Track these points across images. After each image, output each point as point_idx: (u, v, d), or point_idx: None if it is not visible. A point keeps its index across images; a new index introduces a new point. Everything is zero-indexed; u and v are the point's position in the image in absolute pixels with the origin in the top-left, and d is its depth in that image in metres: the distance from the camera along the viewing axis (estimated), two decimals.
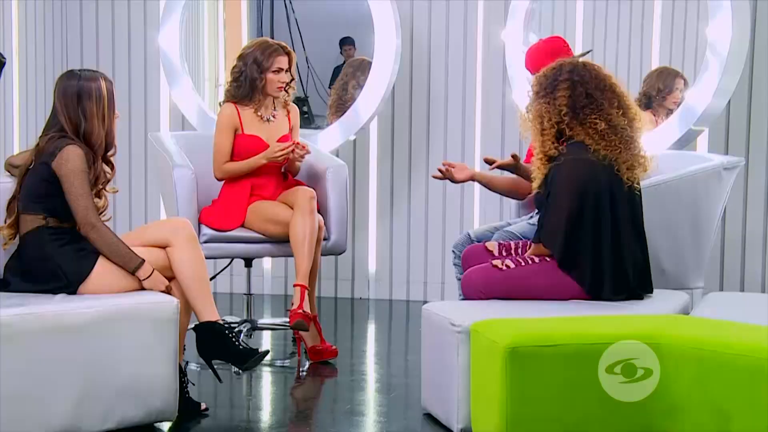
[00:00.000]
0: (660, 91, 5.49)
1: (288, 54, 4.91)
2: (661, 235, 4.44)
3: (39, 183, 3.87)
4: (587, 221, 3.88)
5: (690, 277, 4.59)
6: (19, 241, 3.91)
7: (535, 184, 4.03)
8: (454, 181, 4.60)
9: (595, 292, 3.91)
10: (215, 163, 4.90)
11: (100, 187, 3.95)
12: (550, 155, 3.96)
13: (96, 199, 3.92)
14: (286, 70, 4.90)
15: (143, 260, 3.86)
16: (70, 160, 3.82)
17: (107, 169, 4.00)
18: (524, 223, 4.56)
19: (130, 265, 3.85)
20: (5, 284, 3.89)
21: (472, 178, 4.64)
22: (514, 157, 4.55)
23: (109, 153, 4.00)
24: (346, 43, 6.35)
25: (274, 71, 4.87)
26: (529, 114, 4.06)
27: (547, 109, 3.98)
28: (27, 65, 6.13)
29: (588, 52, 5.03)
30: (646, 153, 4.00)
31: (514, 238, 4.39)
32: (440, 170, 4.60)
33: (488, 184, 4.69)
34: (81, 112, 3.89)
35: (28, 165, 3.93)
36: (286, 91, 4.96)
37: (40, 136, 3.96)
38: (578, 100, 3.96)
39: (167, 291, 3.90)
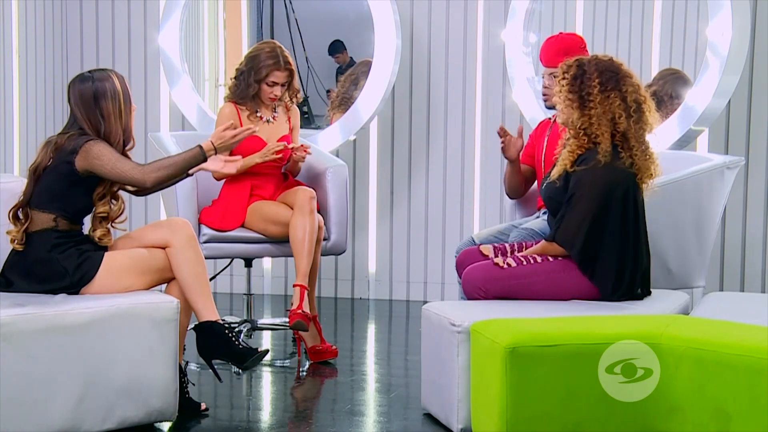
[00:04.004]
0: (671, 98, 5.48)
1: (289, 71, 4.88)
2: (670, 236, 4.46)
3: (58, 180, 3.85)
4: (614, 227, 3.86)
5: (694, 276, 4.60)
6: (25, 238, 3.89)
7: (555, 170, 3.99)
8: (505, 153, 4.58)
9: (611, 295, 3.91)
10: None
11: (117, 187, 3.95)
12: (578, 154, 3.91)
13: (112, 201, 3.94)
14: (283, 84, 4.88)
15: (199, 147, 3.91)
16: (94, 148, 3.82)
17: None
18: (540, 219, 4.50)
19: (192, 159, 3.90)
20: (8, 283, 3.88)
21: (514, 161, 4.62)
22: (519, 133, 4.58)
23: (127, 147, 3.99)
24: (336, 51, 6.34)
25: (268, 83, 4.86)
26: (597, 107, 3.89)
27: (619, 104, 3.88)
28: (27, 65, 6.13)
29: None
30: (657, 159, 3.98)
31: (535, 236, 4.35)
32: (500, 133, 4.59)
33: (515, 171, 4.64)
34: (99, 113, 3.89)
35: (45, 164, 3.89)
36: (291, 101, 4.96)
37: (58, 134, 3.93)
38: (639, 98, 3.91)
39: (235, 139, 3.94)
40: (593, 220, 3.86)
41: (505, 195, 4.83)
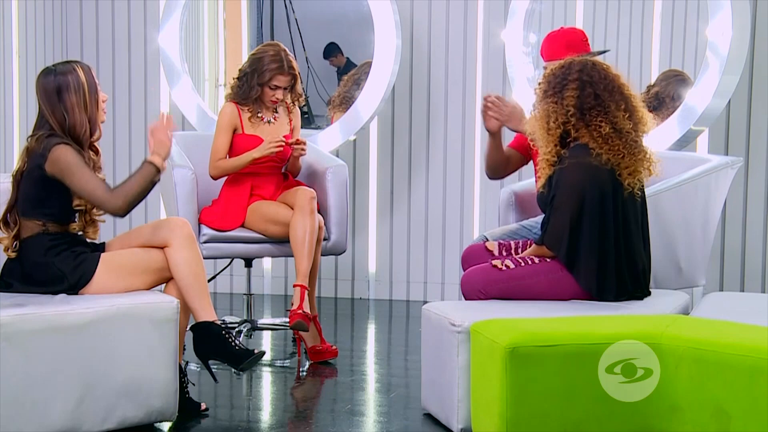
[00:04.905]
0: (673, 99, 5.48)
1: (292, 75, 4.87)
2: (682, 235, 4.50)
3: (34, 187, 3.84)
4: (592, 225, 3.86)
5: (699, 274, 4.64)
6: (18, 245, 3.89)
7: (539, 184, 4.02)
8: (486, 125, 4.44)
9: (601, 296, 3.91)
10: (210, 161, 4.90)
11: None
12: (554, 161, 3.94)
13: None
14: (285, 88, 4.88)
15: (146, 160, 3.84)
16: (62, 157, 3.78)
17: (92, 154, 3.96)
18: None
19: (150, 177, 3.82)
20: (7, 286, 3.88)
21: (494, 134, 4.48)
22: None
23: (93, 138, 3.95)
24: (331, 54, 6.33)
25: (271, 87, 4.85)
26: (536, 112, 4.02)
27: (555, 109, 3.93)
28: (27, 65, 6.13)
29: (606, 51, 5.00)
30: (651, 156, 3.97)
31: None
32: (489, 103, 4.42)
33: (495, 147, 4.56)
34: (63, 107, 3.86)
35: (22, 169, 3.89)
36: (294, 104, 4.96)
37: (29, 137, 3.93)
38: (586, 101, 3.91)
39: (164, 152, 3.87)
40: (574, 219, 3.87)
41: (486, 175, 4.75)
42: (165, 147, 3.88)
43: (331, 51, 6.34)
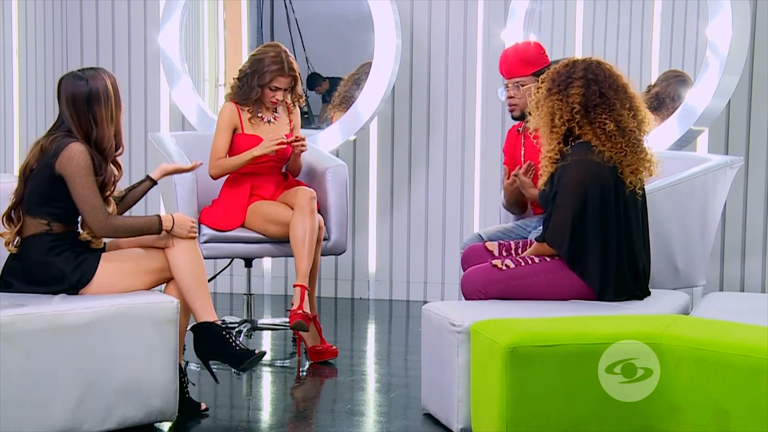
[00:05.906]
0: (673, 100, 5.48)
1: (292, 76, 4.87)
2: (678, 235, 4.49)
3: (43, 185, 3.81)
4: (594, 222, 3.87)
5: (697, 275, 4.63)
6: (20, 242, 3.88)
7: (540, 182, 4.03)
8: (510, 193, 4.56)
9: (603, 293, 3.91)
10: (210, 161, 4.89)
11: (108, 193, 3.89)
12: (556, 158, 3.95)
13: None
14: (285, 89, 4.87)
15: (158, 216, 3.87)
16: (74, 158, 3.75)
17: (115, 170, 3.93)
18: None
19: (154, 230, 3.86)
20: (7, 285, 3.88)
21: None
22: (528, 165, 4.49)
23: (117, 153, 3.93)
24: (315, 84, 6.31)
25: (271, 88, 4.85)
26: (540, 110, 4.02)
27: (560, 107, 3.95)
28: (27, 65, 6.13)
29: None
30: (652, 157, 3.99)
31: None
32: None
33: (511, 194, 4.60)
34: (92, 118, 3.81)
35: (31, 166, 3.84)
36: (294, 105, 4.96)
37: (44, 136, 3.89)
38: (591, 99, 3.92)
39: (193, 232, 3.91)
40: (576, 216, 3.87)
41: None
42: (182, 233, 3.90)
43: (315, 82, 6.32)
